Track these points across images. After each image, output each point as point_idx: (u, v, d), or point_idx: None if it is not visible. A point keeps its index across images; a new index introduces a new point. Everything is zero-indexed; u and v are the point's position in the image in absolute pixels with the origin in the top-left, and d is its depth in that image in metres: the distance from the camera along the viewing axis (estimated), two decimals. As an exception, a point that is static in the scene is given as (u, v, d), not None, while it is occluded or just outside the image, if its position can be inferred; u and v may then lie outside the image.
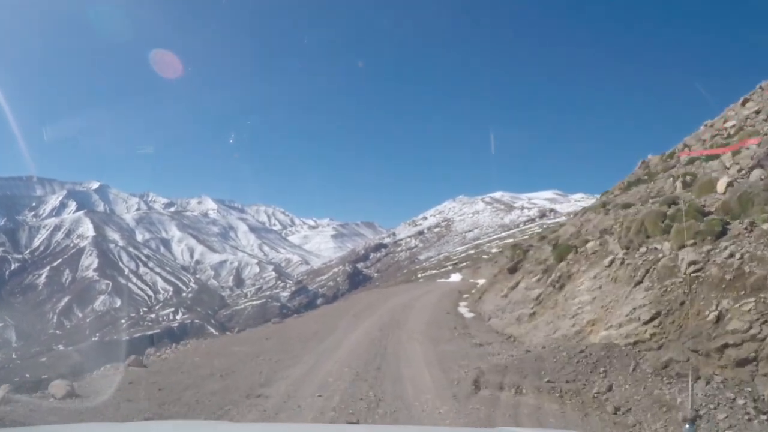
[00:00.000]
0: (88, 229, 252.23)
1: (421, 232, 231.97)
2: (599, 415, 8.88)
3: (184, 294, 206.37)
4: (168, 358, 14.54)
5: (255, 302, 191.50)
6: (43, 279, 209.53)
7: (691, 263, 10.09)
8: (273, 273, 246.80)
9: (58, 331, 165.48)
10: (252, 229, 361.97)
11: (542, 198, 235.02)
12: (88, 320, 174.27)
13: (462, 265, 66.80)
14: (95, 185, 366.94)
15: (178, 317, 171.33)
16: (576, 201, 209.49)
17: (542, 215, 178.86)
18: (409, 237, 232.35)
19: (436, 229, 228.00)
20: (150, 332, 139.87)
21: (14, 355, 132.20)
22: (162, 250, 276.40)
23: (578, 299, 13.25)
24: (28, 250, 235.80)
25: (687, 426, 4.19)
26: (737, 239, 10.00)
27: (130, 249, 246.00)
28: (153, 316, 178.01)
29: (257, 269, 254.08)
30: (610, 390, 9.36)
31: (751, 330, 8.48)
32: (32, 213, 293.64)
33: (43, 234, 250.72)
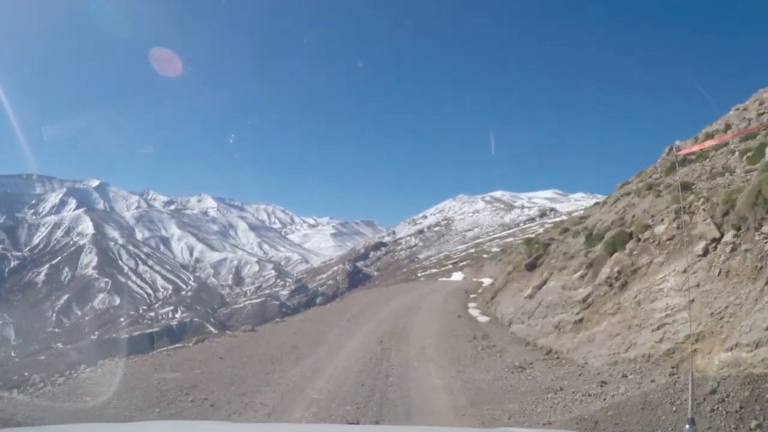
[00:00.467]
0: (87, 227, 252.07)
1: (421, 231, 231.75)
2: None
3: (184, 292, 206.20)
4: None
5: (254, 301, 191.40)
6: (42, 277, 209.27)
7: None
8: (272, 271, 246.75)
9: (57, 330, 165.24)
10: (252, 227, 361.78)
11: (542, 197, 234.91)
12: (87, 318, 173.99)
13: (462, 264, 66.61)
14: (95, 183, 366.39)
15: (177, 316, 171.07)
16: (576, 200, 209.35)
17: (542, 214, 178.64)
18: (409, 236, 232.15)
19: (436, 228, 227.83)
20: (149, 330, 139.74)
21: (13, 354, 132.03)
22: (161, 248, 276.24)
23: (662, 303, 10.13)
24: (28, 248, 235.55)
25: (687, 426, 4.27)
26: None
27: (130, 247, 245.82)
28: (152, 314, 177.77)
29: (257, 268, 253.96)
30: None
31: None
32: (32, 211, 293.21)
33: (43, 232, 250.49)
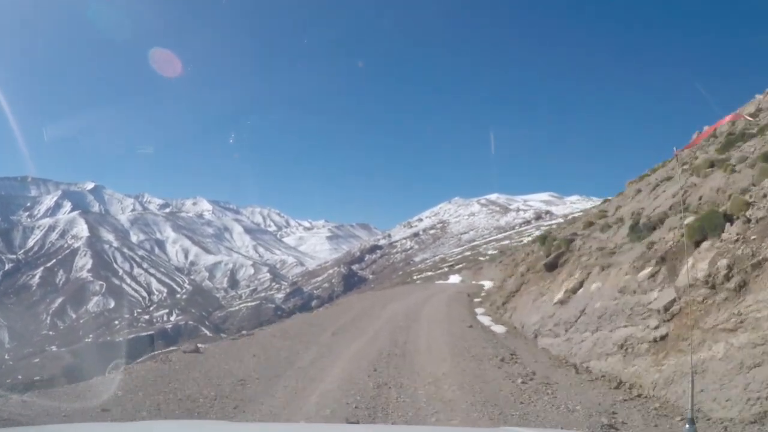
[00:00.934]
0: (82, 229, 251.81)
1: (416, 234, 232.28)
2: None
3: (179, 295, 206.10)
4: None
5: (249, 304, 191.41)
6: (36, 279, 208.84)
7: None
8: (268, 274, 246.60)
9: (51, 332, 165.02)
10: (247, 230, 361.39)
11: (538, 200, 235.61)
12: (82, 321, 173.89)
13: (458, 266, 66.65)
14: (90, 186, 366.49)
15: (172, 319, 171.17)
16: (572, 203, 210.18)
17: (538, 217, 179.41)
18: (405, 239, 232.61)
19: (432, 231, 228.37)
20: (144, 333, 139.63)
21: (7, 356, 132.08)
22: (156, 251, 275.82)
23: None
24: (22, 251, 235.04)
25: (687, 426, 4.26)
26: None
27: (125, 250, 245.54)
28: (147, 317, 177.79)
29: (252, 271, 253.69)
30: None
31: None
32: (27, 213, 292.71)
33: (38, 234, 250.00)
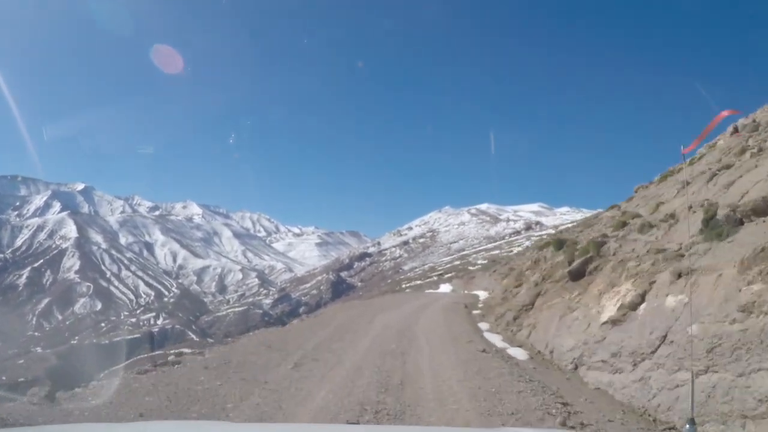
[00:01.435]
0: (71, 230, 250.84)
1: (406, 242, 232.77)
2: None
3: (166, 299, 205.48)
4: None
5: (237, 309, 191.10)
6: (23, 279, 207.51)
7: None
8: (256, 280, 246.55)
9: (36, 333, 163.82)
10: (236, 235, 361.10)
11: (528, 211, 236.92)
12: (68, 323, 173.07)
13: (448, 276, 66.71)
14: (80, 187, 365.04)
15: (159, 322, 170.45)
16: (562, 214, 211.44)
17: (528, 228, 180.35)
18: (394, 247, 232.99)
19: (421, 240, 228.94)
20: (130, 336, 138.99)
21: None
22: (145, 253, 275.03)
23: None
24: (10, 250, 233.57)
25: (687, 426, 4.31)
26: None
27: (113, 252, 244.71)
28: (134, 320, 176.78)
29: (240, 276, 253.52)
30: None
31: None
32: (15, 212, 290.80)
33: (26, 234, 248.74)
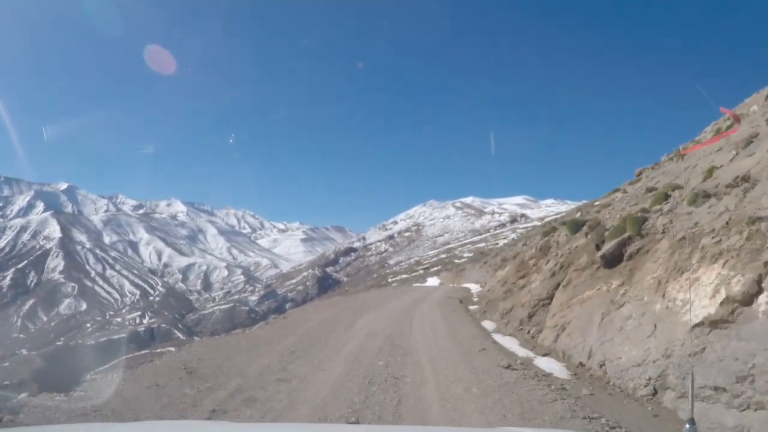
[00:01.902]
0: (54, 230, 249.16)
1: (391, 237, 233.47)
2: None
3: (152, 297, 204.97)
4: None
5: (223, 306, 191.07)
6: (7, 281, 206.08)
7: None
8: (242, 277, 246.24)
9: (21, 335, 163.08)
10: (221, 232, 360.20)
11: (513, 203, 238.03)
12: (53, 324, 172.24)
13: (434, 269, 66.99)
14: (63, 186, 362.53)
15: (145, 321, 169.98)
16: (547, 206, 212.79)
17: (513, 220, 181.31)
18: (380, 241, 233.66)
19: (407, 234, 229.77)
20: (116, 336, 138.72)
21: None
22: (130, 252, 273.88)
23: None
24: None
25: (687, 426, 4.17)
26: None
27: (98, 251, 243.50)
28: (119, 319, 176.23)
29: (226, 273, 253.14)
30: None
31: None
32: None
33: (9, 235, 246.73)
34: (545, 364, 10.75)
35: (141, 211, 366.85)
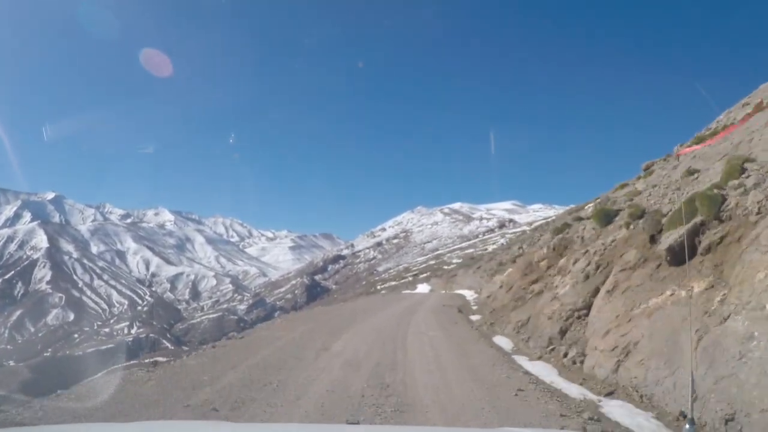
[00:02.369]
0: (41, 240, 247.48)
1: (379, 244, 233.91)
2: None
3: (140, 307, 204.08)
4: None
5: (211, 315, 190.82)
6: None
7: None
8: (230, 285, 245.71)
9: (9, 346, 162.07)
10: (209, 240, 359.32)
11: (501, 209, 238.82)
12: (41, 335, 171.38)
13: (424, 276, 67.03)
14: (51, 196, 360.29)
15: (133, 332, 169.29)
16: (535, 211, 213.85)
17: (501, 226, 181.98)
18: (368, 248, 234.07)
19: (395, 241, 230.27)
20: (104, 347, 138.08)
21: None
22: (117, 262, 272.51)
23: None
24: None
25: (687, 426, 4.17)
26: None
27: (85, 261, 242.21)
28: (107, 330, 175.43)
29: (214, 282, 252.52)
30: None
31: None
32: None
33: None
34: (621, 413, 7.36)
35: (128, 221, 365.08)
